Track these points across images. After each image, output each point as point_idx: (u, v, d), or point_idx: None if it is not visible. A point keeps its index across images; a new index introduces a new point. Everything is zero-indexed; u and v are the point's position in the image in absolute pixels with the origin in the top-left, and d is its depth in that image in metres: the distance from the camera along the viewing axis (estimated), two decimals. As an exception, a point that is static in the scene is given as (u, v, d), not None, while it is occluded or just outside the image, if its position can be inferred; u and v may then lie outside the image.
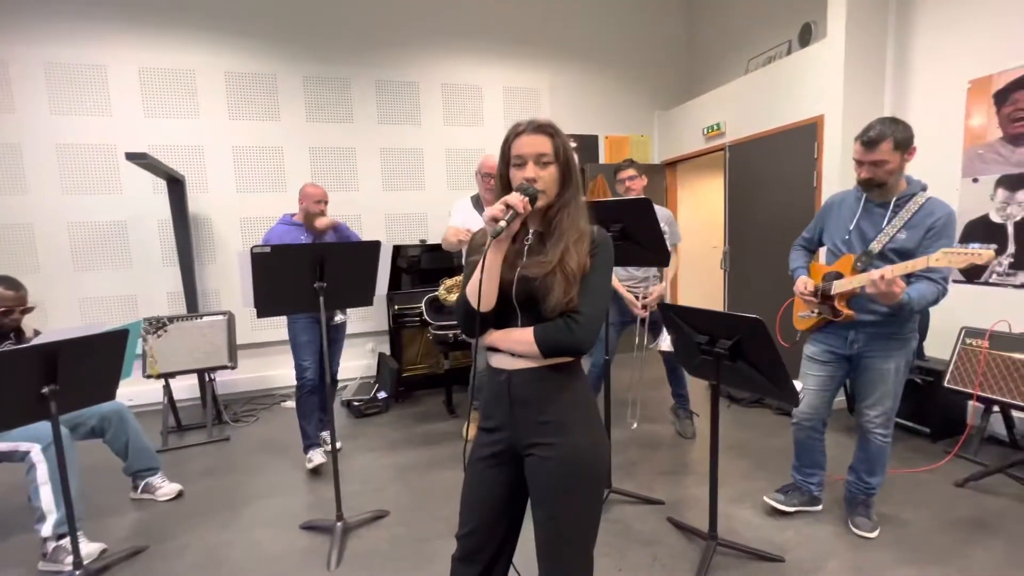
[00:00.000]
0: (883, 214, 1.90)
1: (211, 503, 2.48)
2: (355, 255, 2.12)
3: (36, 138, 3.59)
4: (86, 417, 2.35)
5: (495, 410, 1.19)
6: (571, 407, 1.15)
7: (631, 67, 5.07)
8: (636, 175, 2.95)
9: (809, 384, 2.05)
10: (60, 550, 1.99)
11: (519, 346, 1.13)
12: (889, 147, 1.78)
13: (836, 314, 1.93)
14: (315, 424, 2.82)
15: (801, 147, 3.53)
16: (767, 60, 4.18)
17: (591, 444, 1.15)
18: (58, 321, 3.65)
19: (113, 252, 3.81)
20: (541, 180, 1.12)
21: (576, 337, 1.09)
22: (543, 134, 1.13)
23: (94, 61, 3.66)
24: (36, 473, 1.99)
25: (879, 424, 1.97)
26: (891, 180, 1.84)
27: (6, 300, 2.15)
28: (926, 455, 2.71)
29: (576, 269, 1.09)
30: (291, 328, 2.77)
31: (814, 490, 2.19)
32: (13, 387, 1.70)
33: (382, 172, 4.40)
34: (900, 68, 3.18)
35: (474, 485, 1.22)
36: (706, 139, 4.50)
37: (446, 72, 4.48)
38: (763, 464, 2.69)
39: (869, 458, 2.04)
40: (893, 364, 1.91)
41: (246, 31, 3.96)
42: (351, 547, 2.09)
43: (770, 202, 3.86)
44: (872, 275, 1.71)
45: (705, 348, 1.79)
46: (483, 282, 1.10)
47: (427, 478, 2.66)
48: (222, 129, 3.96)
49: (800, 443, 2.15)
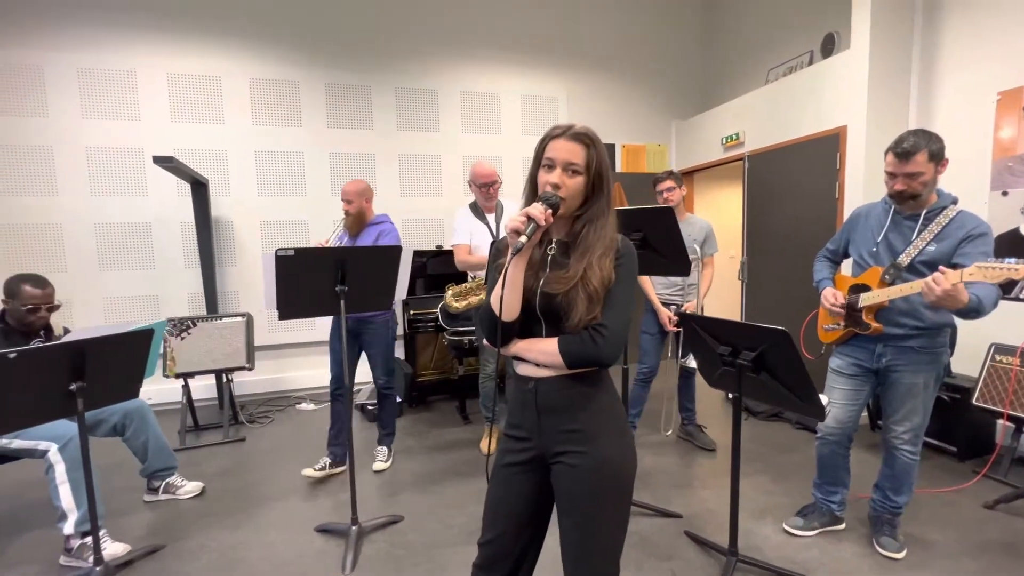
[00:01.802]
0: (912, 227, 1.86)
1: (226, 504, 2.50)
2: (376, 259, 2.13)
3: (67, 141, 3.69)
4: (108, 414, 2.38)
5: (522, 419, 1.18)
6: (599, 416, 1.14)
7: (649, 76, 5.07)
8: (674, 186, 2.91)
9: (835, 398, 2.01)
10: (85, 547, 2.02)
11: (543, 356, 1.12)
12: (924, 158, 1.75)
13: (863, 327, 1.89)
14: (332, 434, 2.76)
15: (823, 158, 3.49)
16: (788, 70, 4.16)
17: (619, 453, 1.14)
18: (83, 319, 3.73)
19: (137, 253, 3.89)
20: (565, 188, 1.09)
21: (601, 351, 1.08)
22: (579, 142, 1.10)
23: (124, 67, 3.76)
24: (55, 473, 2.02)
25: (907, 440, 1.92)
26: (925, 192, 1.81)
27: (34, 298, 2.18)
28: (953, 475, 2.63)
29: (599, 286, 1.07)
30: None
31: (835, 509, 2.13)
32: (42, 383, 1.74)
33: (400, 178, 4.44)
34: (926, 78, 3.14)
35: (499, 492, 1.21)
36: (724, 149, 4.47)
37: (465, 80, 4.52)
38: (783, 479, 2.63)
39: (896, 475, 1.98)
40: (922, 379, 1.87)
41: (271, 39, 4.05)
42: (365, 552, 2.08)
43: (790, 213, 3.82)
44: (926, 280, 1.62)
45: (727, 359, 1.76)
46: (505, 294, 1.09)
47: (441, 485, 2.65)
48: (245, 134, 4.04)
49: (824, 459, 2.10)
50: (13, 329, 2.20)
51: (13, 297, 2.17)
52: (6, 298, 2.18)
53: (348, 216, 2.69)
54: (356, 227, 2.72)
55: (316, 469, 2.73)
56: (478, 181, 2.77)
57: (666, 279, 2.95)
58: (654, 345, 3.00)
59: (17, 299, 2.16)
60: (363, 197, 2.71)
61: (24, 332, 2.21)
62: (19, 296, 2.16)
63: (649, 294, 2.96)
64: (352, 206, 2.68)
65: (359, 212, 2.69)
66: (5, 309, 2.20)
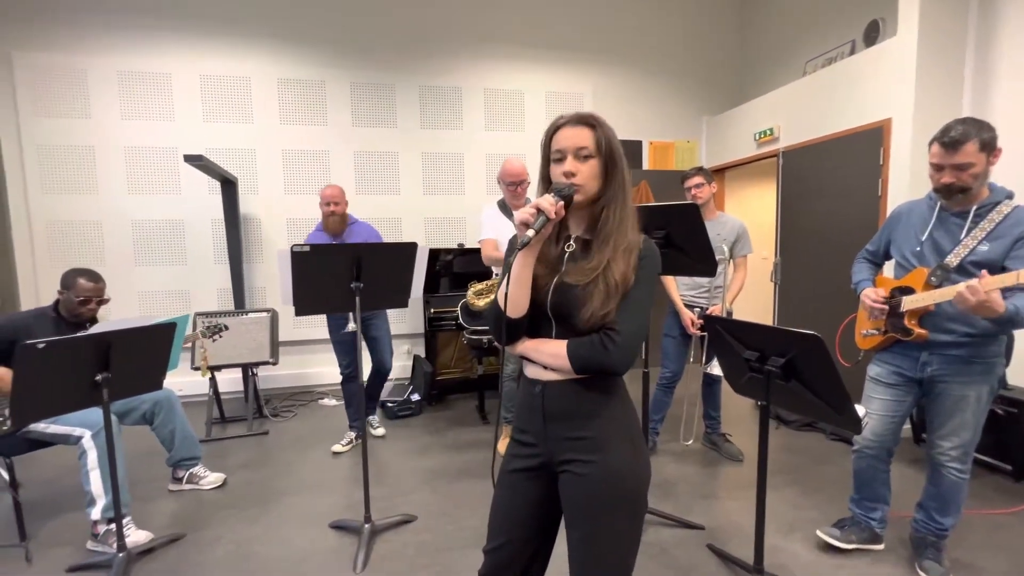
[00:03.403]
0: (961, 224, 1.71)
1: (246, 496, 2.54)
2: (392, 256, 2.11)
3: (107, 141, 3.85)
4: (139, 403, 2.46)
5: (528, 423, 1.13)
6: (610, 424, 1.07)
7: (679, 70, 4.92)
8: (703, 182, 2.78)
9: (873, 409, 1.87)
10: (110, 533, 2.08)
11: (551, 359, 1.07)
12: (974, 148, 1.60)
13: (906, 333, 1.75)
14: (352, 412, 3.13)
15: (864, 153, 3.29)
16: (827, 61, 3.94)
17: (630, 463, 1.07)
18: (118, 313, 3.87)
19: (170, 249, 4.02)
20: (580, 175, 1.04)
21: (611, 357, 1.01)
22: (584, 125, 1.05)
23: (161, 69, 3.89)
24: (87, 459, 2.09)
25: (954, 458, 1.77)
26: (975, 186, 1.65)
27: (86, 291, 2.28)
28: (1006, 495, 2.42)
29: (620, 280, 1.01)
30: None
31: (875, 526, 1.99)
32: (69, 373, 1.79)
33: (423, 176, 4.44)
34: (982, 66, 2.90)
35: (506, 498, 1.16)
36: (758, 145, 4.29)
37: (489, 77, 4.49)
38: (815, 492, 2.48)
39: (942, 495, 1.83)
40: (973, 392, 1.71)
41: (299, 40, 4.12)
42: (377, 550, 2.07)
43: (827, 211, 3.62)
44: (959, 287, 1.51)
45: (754, 365, 1.66)
46: (511, 290, 1.05)
47: (456, 485, 2.62)
48: (273, 133, 4.12)
49: (861, 473, 1.96)
50: (64, 320, 2.30)
51: (68, 289, 2.27)
52: (62, 289, 2.28)
53: (334, 216, 2.92)
54: (341, 226, 2.98)
55: (343, 444, 3.04)
56: (507, 179, 2.73)
57: (691, 280, 2.83)
58: (677, 349, 2.89)
59: (72, 291, 2.26)
60: (345, 198, 3.00)
61: (74, 323, 2.30)
62: (74, 288, 2.26)
63: (672, 295, 2.85)
64: (339, 207, 2.94)
65: (344, 213, 2.99)
66: (59, 300, 2.30)
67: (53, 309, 2.31)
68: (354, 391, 3.05)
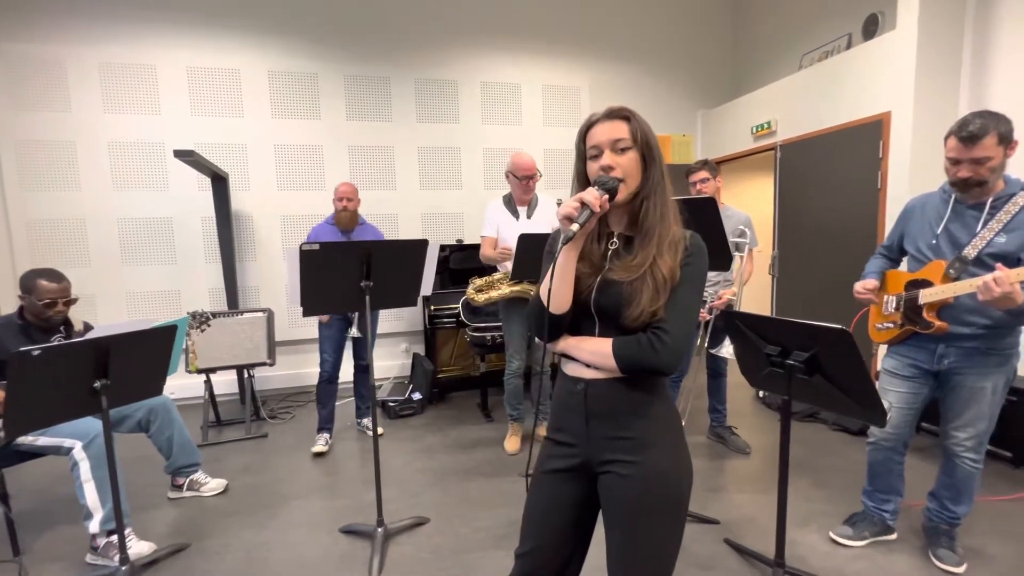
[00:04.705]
0: (977, 216, 1.72)
1: (250, 502, 2.46)
2: (402, 254, 2.06)
3: (89, 136, 3.69)
4: (133, 410, 2.36)
5: (569, 422, 1.10)
6: (654, 424, 1.04)
7: (674, 64, 4.90)
8: (708, 177, 2.75)
9: (890, 401, 1.88)
10: (111, 546, 1.99)
11: (595, 357, 1.04)
12: (993, 141, 1.61)
13: (927, 326, 1.75)
14: (326, 414, 3.10)
15: (863, 147, 3.32)
16: (824, 55, 3.97)
17: (675, 465, 1.05)
18: (106, 314, 3.74)
19: (159, 248, 3.89)
20: (620, 167, 1.02)
21: (660, 358, 0.98)
22: (618, 119, 1.04)
23: (145, 61, 3.74)
24: (79, 471, 1.99)
25: (970, 448, 1.79)
26: (992, 179, 1.66)
27: (50, 292, 2.13)
28: (1010, 482, 2.47)
29: (667, 275, 0.98)
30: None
31: (887, 518, 2.01)
32: (66, 381, 1.70)
33: (419, 171, 4.36)
34: (979, 60, 2.94)
35: (541, 500, 1.12)
36: (754, 138, 4.30)
37: (485, 70, 4.42)
38: (824, 484, 2.50)
39: (955, 484, 1.85)
40: (990, 383, 1.73)
41: (290, 31, 3.99)
42: (391, 555, 2.03)
43: (825, 204, 3.65)
44: (985, 278, 1.52)
45: (776, 360, 1.65)
46: (555, 285, 1.02)
47: (464, 485, 2.58)
48: (265, 127, 4.00)
49: (876, 465, 1.97)
50: (32, 325, 2.17)
51: (30, 292, 2.12)
52: (23, 294, 2.14)
53: (347, 212, 2.98)
54: (353, 222, 3.04)
55: (322, 445, 3.01)
56: (518, 173, 2.68)
57: None
58: None
59: (34, 294, 2.12)
60: (358, 196, 3.07)
61: (43, 328, 2.18)
62: (35, 291, 2.12)
63: None
64: (352, 203, 3.00)
65: (356, 210, 3.05)
66: (23, 305, 2.16)
67: (19, 316, 2.17)
68: (333, 392, 3.10)
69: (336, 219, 3.02)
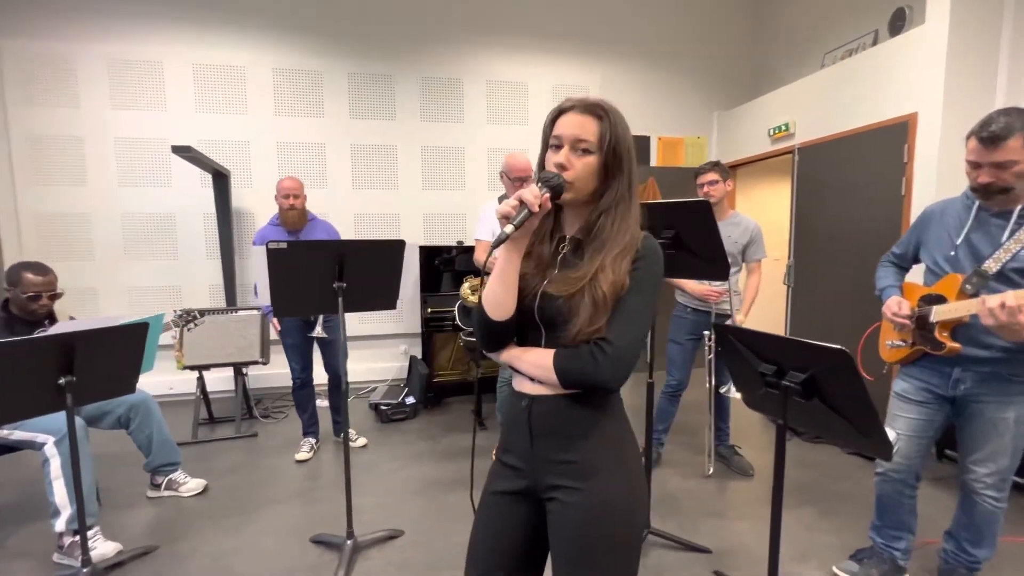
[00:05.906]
0: (1002, 226, 1.54)
1: (227, 504, 2.41)
2: (377, 255, 1.97)
3: (97, 132, 3.73)
4: (114, 406, 2.34)
5: (514, 443, 1.00)
6: (601, 445, 0.93)
7: (690, 63, 4.72)
8: (718, 179, 2.59)
9: (900, 428, 1.70)
10: (76, 545, 1.96)
11: (536, 370, 0.94)
12: (1019, 144, 1.43)
13: (937, 346, 1.58)
14: (307, 418, 2.98)
15: (887, 150, 3.10)
16: (847, 53, 3.75)
17: (623, 493, 0.93)
18: (107, 307, 3.77)
19: (161, 243, 3.91)
20: (573, 170, 0.91)
21: (601, 371, 0.87)
22: (591, 115, 0.92)
23: (152, 58, 3.77)
24: (50, 467, 1.97)
25: (990, 485, 1.60)
26: (1020, 185, 1.48)
27: (35, 285, 2.14)
28: (1039, 520, 2.25)
29: (609, 291, 0.87)
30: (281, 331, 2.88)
31: (899, 557, 1.82)
32: (31, 376, 1.67)
33: (422, 170, 4.30)
34: (1018, 56, 2.71)
35: (490, 523, 1.03)
36: (772, 141, 4.10)
37: (492, 69, 4.33)
38: (831, 514, 2.32)
39: (975, 525, 1.66)
40: (1013, 413, 1.54)
41: (294, 28, 3.98)
42: (358, 569, 1.94)
43: (846, 212, 3.43)
44: (989, 301, 1.36)
45: (771, 380, 1.50)
46: (492, 289, 0.93)
47: (449, 496, 2.48)
48: (268, 124, 3.99)
49: (884, 498, 1.79)
50: (16, 318, 2.16)
51: (15, 285, 2.13)
52: (8, 286, 2.14)
53: (294, 210, 2.78)
54: (301, 222, 2.83)
55: (306, 451, 2.90)
56: (512, 174, 2.57)
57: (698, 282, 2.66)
58: (683, 356, 2.72)
59: (19, 287, 2.13)
60: (304, 192, 2.84)
61: (28, 321, 2.17)
62: (21, 284, 2.12)
63: (681, 284, 2.67)
64: (299, 200, 2.79)
65: (303, 207, 2.85)
66: (8, 298, 2.17)
67: (3, 308, 2.18)
68: (310, 396, 2.99)
69: (282, 218, 2.80)
